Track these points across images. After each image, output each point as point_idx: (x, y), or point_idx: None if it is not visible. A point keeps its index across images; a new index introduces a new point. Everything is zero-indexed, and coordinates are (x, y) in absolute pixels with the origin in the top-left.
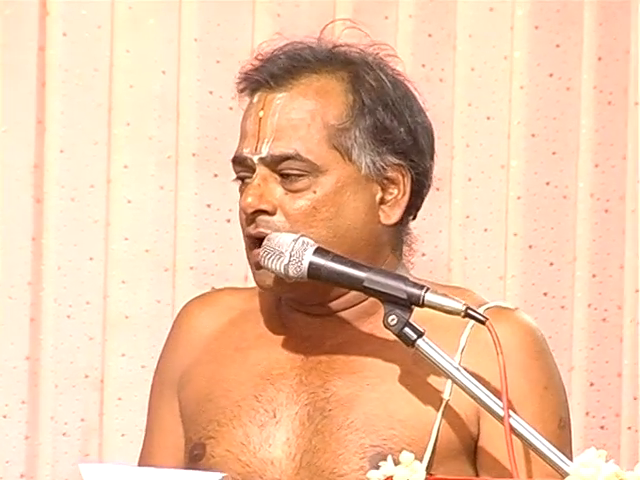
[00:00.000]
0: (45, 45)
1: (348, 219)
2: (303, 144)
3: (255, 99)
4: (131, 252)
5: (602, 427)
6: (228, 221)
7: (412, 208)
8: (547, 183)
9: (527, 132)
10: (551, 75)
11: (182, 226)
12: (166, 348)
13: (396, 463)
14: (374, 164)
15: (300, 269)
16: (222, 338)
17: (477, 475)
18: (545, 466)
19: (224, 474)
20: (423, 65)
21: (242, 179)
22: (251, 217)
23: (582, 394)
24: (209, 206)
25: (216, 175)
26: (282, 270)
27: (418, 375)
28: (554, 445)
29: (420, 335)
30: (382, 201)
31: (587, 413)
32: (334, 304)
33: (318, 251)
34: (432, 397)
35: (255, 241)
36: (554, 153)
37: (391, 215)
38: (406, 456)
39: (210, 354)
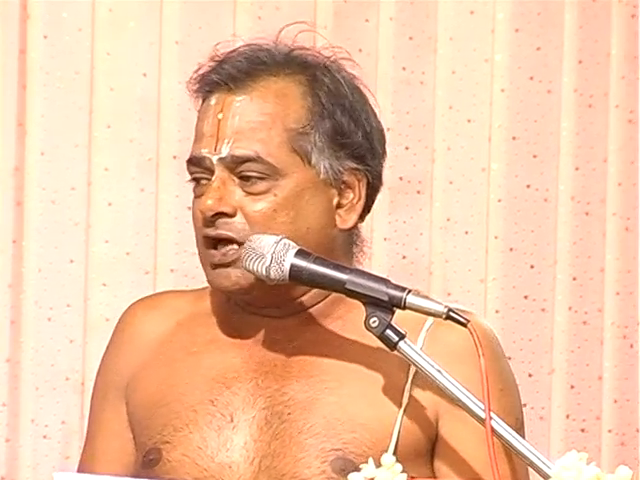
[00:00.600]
0: (26, 48)
1: (307, 223)
2: (264, 147)
3: (212, 101)
4: (112, 255)
5: (583, 430)
6: None
7: (364, 211)
8: (528, 186)
9: (508, 135)
10: (532, 78)
11: (163, 229)
12: (109, 352)
13: (370, 463)
14: (332, 168)
15: (282, 271)
16: (172, 342)
17: (433, 473)
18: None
19: None
20: (404, 68)
21: (197, 180)
22: (210, 219)
23: (563, 397)
24: (190, 209)
25: None
26: (264, 272)
27: (377, 377)
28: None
29: (402, 337)
30: (338, 205)
31: (567, 416)
32: (289, 307)
33: (300, 253)
34: (392, 399)
35: (212, 242)
36: (535, 156)
37: (347, 219)
38: (388, 459)
39: (160, 358)
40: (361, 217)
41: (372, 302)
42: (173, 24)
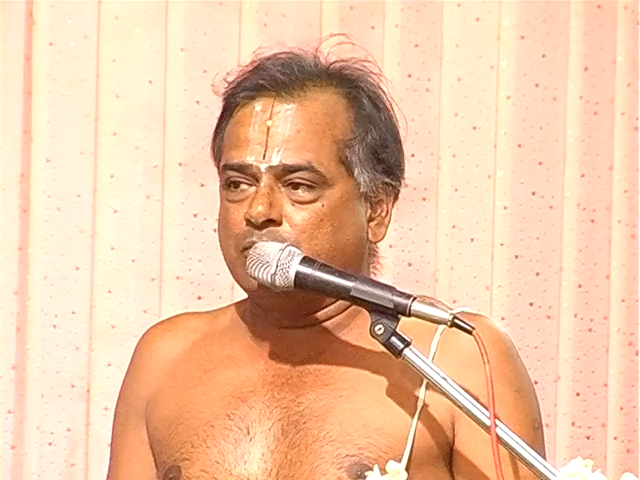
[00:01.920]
0: (31, 55)
1: (347, 234)
2: (315, 156)
3: (258, 107)
4: (117, 262)
5: (588, 437)
6: (215, 231)
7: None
8: (533, 193)
9: (513, 142)
10: (537, 85)
11: (168, 236)
12: (129, 376)
13: (376, 470)
14: (371, 182)
15: (287, 278)
16: (188, 362)
17: None
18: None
19: None
20: (409, 75)
21: (235, 184)
22: (258, 226)
23: (568, 404)
24: (195, 216)
25: (203, 185)
26: (269, 279)
27: (391, 383)
28: (531, 447)
29: (407, 344)
30: (370, 219)
31: (573, 423)
32: (311, 317)
33: (305, 260)
34: (407, 404)
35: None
36: (540, 163)
37: (378, 233)
38: (393, 465)
39: (177, 378)
40: None
41: (377, 309)
42: (179, 31)
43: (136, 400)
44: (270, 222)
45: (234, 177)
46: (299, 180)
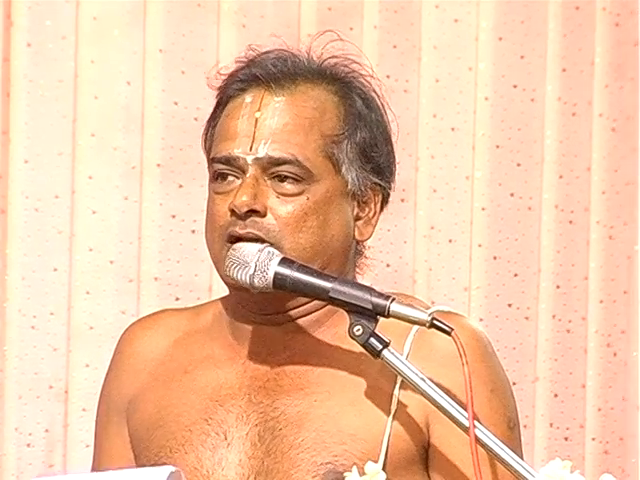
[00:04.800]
0: (9, 56)
1: (332, 230)
2: (301, 150)
3: (248, 99)
4: (95, 263)
5: (566, 438)
6: (193, 232)
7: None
8: (511, 194)
9: (492, 143)
10: (515, 86)
11: (147, 237)
12: (110, 374)
13: (354, 472)
14: (358, 180)
15: (265, 279)
16: (168, 362)
17: None
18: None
19: (173, 468)
20: (388, 76)
21: (223, 176)
22: (241, 216)
23: (546, 405)
24: (174, 217)
25: (181, 186)
26: (247, 280)
27: (368, 384)
28: (507, 446)
29: (385, 345)
30: (357, 218)
31: (551, 424)
32: (290, 313)
33: (283, 261)
34: (381, 406)
35: (238, 241)
36: (518, 164)
37: (364, 232)
38: (371, 467)
39: (158, 379)
40: None
41: (356, 310)
42: (157, 32)
43: (118, 398)
44: (254, 213)
45: (222, 169)
46: (285, 173)
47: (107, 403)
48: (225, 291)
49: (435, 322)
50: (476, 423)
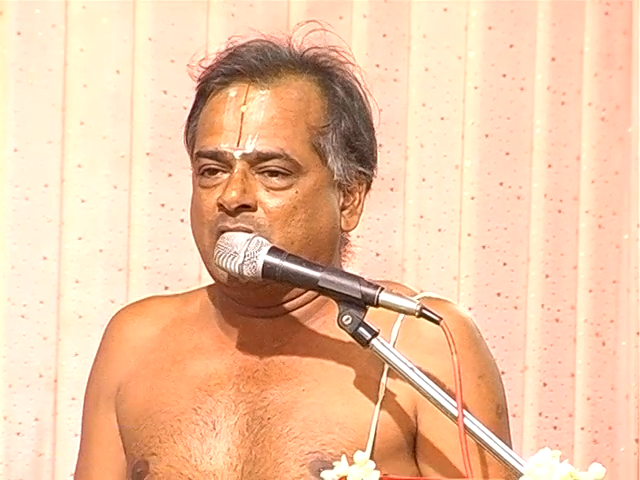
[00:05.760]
0: None
1: (321, 222)
2: (288, 144)
3: (232, 92)
4: (85, 252)
5: (555, 427)
6: (182, 221)
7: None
8: (501, 183)
9: (481, 132)
10: (505, 75)
11: (136, 226)
12: (98, 360)
13: (344, 460)
14: (344, 170)
15: (254, 269)
16: (158, 350)
17: (419, 471)
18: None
19: None
20: (377, 65)
21: (210, 171)
22: (231, 212)
23: (535, 394)
24: (163, 206)
25: (170, 175)
26: (236, 270)
27: (356, 373)
28: (494, 433)
29: (375, 335)
30: (343, 207)
31: (540, 413)
32: (280, 307)
33: (272, 251)
34: (368, 394)
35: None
36: (508, 153)
37: (350, 222)
38: (360, 456)
39: (147, 367)
40: None
41: (345, 300)
42: (146, 21)
43: (106, 384)
44: (244, 208)
45: (208, 164)
46: (273, 168)
47: (95, 389)
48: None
49: (424, 312)
50: (465, 412)
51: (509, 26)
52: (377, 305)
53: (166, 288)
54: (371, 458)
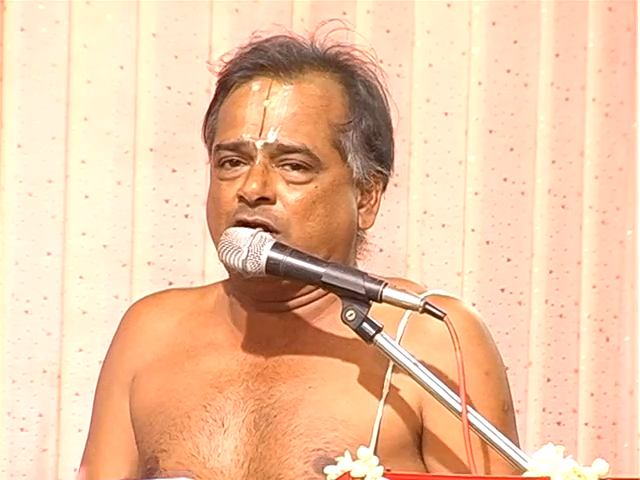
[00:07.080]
0: (3, 40)
1: (338, 218)
2: (310, 139)
3: (255, 86)
4: (89, 247)
5: (559, 423)
6: (186, 216)
7: None
8: (505, 179)
9: (485, 128)
10: (509, 71)
11: (140, 221)
12: (114, 348)
13: (347, 456)
14: (363, 169)
15: (258, 264)
16: (173, 344)
17: (425, 466)
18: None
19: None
20: (381, 61)
21: (231, 162)
22: (251, 203)
23: (539, 390)
24: (167, 201)
25: (174, 170)
26: (240, 265)
27: (361, 370)
28: (500, 429)
29: (378, 330)
30: (360, 205)
31: (544, 409)
32: (293, 301)
33: (276, 246)
34: (373, 391)
35: (244, 227)
36: (512, 149)
37: (367, 220)
38: (364, 452)
39: (162, 360)
40: None
41: (349, 295)
42: (150, 16)
43: (121, 372)
44: (264, 200)
45: (229, 156)
46: (294, 161)
47: (109, 376)
48: (217, 275)
49: (427, 307)
50: (469, 408)
51: (513, 22)
52: (381, 301)
53: (170, 284)
54: (375, 454)
